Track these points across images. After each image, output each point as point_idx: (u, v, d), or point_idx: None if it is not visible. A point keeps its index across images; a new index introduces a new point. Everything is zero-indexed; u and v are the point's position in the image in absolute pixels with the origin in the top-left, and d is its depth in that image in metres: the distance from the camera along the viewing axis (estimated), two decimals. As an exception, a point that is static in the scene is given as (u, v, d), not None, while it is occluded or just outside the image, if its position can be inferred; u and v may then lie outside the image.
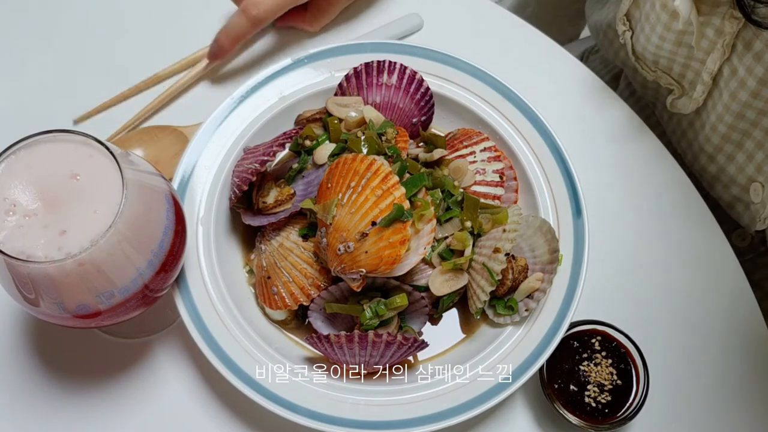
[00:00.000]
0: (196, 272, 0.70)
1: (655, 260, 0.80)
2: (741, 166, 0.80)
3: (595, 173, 0.83)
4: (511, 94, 0.78)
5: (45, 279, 0.54)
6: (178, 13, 0.90)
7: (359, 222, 0.64)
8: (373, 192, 0.64)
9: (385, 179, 0.65)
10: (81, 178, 0.55)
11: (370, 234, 0.64)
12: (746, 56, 0.71)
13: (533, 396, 0.74)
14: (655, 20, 0.78)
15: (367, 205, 0.64)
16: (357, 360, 0.68)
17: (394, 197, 0.64)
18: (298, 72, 0.78)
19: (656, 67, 0.84)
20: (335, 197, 0.66)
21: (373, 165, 0.65)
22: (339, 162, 0.67)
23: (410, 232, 0.64)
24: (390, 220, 0.63)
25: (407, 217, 0.64)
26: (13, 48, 0.88)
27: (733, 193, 0.84)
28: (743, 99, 0.73)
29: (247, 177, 0.70)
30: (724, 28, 0.72)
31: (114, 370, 0.73)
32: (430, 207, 0.67)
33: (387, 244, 0.64)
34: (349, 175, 0.66)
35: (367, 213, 0.64)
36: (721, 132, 0.79)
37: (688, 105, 0.82)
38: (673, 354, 0.76)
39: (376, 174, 0.65)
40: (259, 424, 0.71)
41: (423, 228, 0.66)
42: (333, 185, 0.66)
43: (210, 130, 0.75)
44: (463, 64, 0.79)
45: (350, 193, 0.65)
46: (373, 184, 0.65)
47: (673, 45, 0.79)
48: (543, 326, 0.69)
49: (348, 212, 0.65)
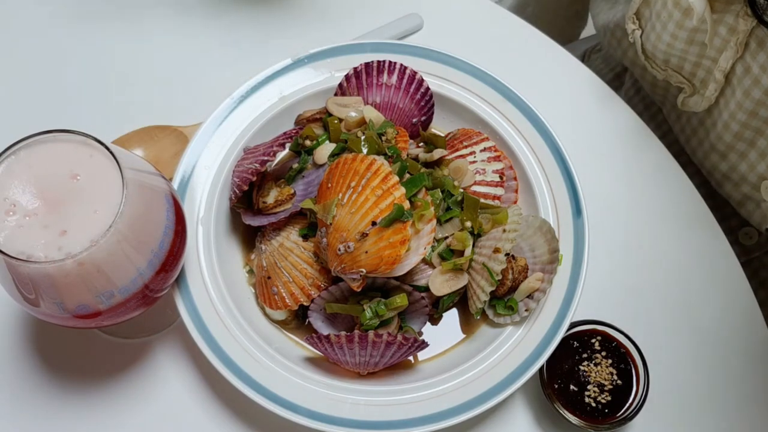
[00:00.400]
0: (196, 272, 0.70)
1: (655, 260, 0.80)
2: (753, 164, 0.80)
3: (596, 173, 0.83)
4: (511, 94, 0.78)
5: (45, 279, 0.54)
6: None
7: (359, 222, 0.64)
8: (374, 192, 0.64)
9: (385, 179, 0.65)
10: (81, 178, 0.55)
11: (370, 234, 0.64)
12: (760, 54, 0.71)
13: (533, 396, 0.74)
14: (667, 18, 0.78)
15: (368, 205, 0.64)
16: (357, 360, 0.68)
17: (395, 197, 0.64)
18: (298, 72, 0.78)
19: (667, 66, 0.84)
20: (335, 197, 0.66)
21: (373, 165, 0.65)
22: (339, 162, 0.67)
23: (410, 232, 0.64)
24: (390, 220, 0.63)
25: (407, 217, 0.64)
26: (13, 48, 0.88)
27: (744, 191, 0.84)
28: (757, 97, 0.73)
29: (248, 177, 0.70)
30: (737, 26, 0.72)
31: (114, 370, 0.73)
32: (430, 207, 0.67)
33: (387, 244, 0.64)
34: (349, 175, 0.66)
35: (367, 213, 0.64)
36: (734, 130, 0.79)
37: (700, 103, 0.82)
38: (673, 354, 0.76)
39: (376, 174, 0.65)
40: (259, 424, 0.71)
41: (423, 228, 0.66)
42: (333, 185, 0.66)
43: (210, 130, 0.75)
44: (463, 64, 0.79)
45: (350, 193, 0.65)
46: (373, 184, 0.65)
47: (684, 43, 0.79)
48: (543, 326, 0.69)
49: (348, 212, 0.65)
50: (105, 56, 0.88)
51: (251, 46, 0.88)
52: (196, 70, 0.87)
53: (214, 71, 0.87)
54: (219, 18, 0.90)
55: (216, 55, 0.88)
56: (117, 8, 0.90)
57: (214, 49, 0.89)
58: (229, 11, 0.91)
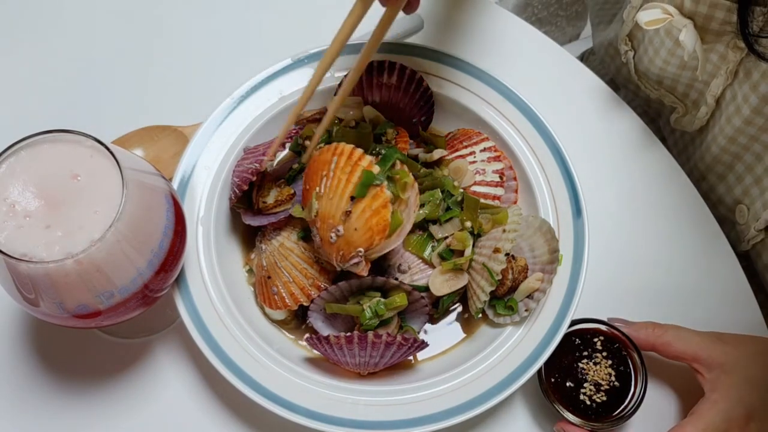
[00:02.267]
0: (196, 272, 0.70)
1: (655, 260, 0.80)
2: (730, 187, 0.82)
3: (596, 173, 0.83)
4: (511, 94, 0.78)
5: (45, 279, 0.54)
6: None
7: (339, 203, 0.64)
8: (343, 171, 0.65)
9: (350, 156, 0.65)
10: (81, 178, 0.55)
11: (353, 210, 0.64)
12: (745, 84, 0.73)
13: (533, 396, 0.74)
14: (659, 44, 0.80)
15: (341, 185, 0.64)
16: (357, 361, 0.68)
17: (362, 167, 0.64)
18: (298, 72, 0.78)
19: (660, 86, 0.85)
20: (314, 192, 0.66)
21: (337, 149, 0.66)
22: (310, 163, 0.68)
23: (388, 194, 0.64)
24: (363, 186, 0.63)
25: (380, 179, 0.64)
26: (12, 48, 0.88)
27: (721, 213, 0.86)
28: (737, 124, 0.75)
29: (247, 177, 0.70)
30: (727, 56, 0.74)
31: (114, 370, 0.73)
32: (408, 174, 0.67)
33: (371, 212, 0.64)
34: (319, 168, 0.66)
35: (343, 192, 0.64)
36: (714, 153, 0.81)
37: (692, 123, 0.83)
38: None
39: (341, 155, 0.65)
40: (259, 424, 0.71)
41: (408, 196, 0.66)
42: (311, 185, 0.67)
43: (210, 130, 0.75)
44: (463, 64, 0.79)
45: (324, 182, 0.65)
46: (341, 164, 0.65)
47: (677, 68, 0.80)
48: (543, 326, 0.69)
49: (327, 199, 0.65)
50: (105, 56, 0.88)
51: (251, 46, 0.88)
52: (197, 70, 0.87)
53: (214, 71, 0.87)
54: (219, 18, 0.90)
55: (216, 55, 0.88)
56: (117, 8, 0.90)
57: (214, 49, 0.89)
58: (229, 11, 0.91)
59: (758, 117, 0.73)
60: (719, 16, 0.71)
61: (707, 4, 0.71)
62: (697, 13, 0.72)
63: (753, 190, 0.79)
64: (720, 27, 0.72)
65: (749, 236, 0.80)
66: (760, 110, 0.72)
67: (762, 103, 0.71)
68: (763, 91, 0.70)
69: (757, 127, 0.74)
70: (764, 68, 0.70)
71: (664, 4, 0.74)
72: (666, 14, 0.74)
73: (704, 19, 0.72)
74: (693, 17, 0.73)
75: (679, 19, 0.73)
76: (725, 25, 0.72)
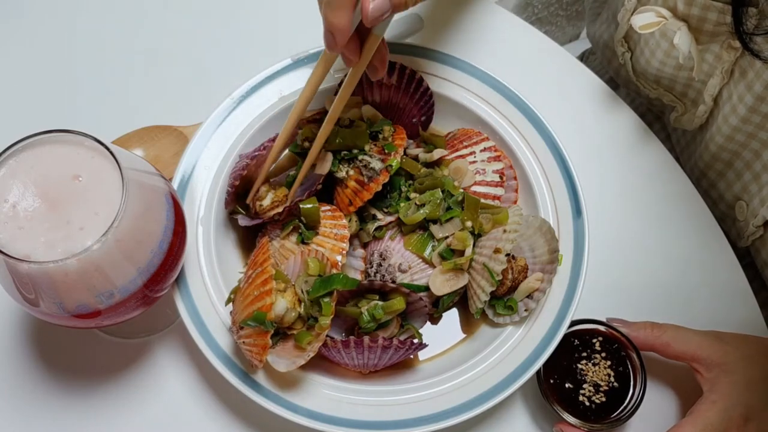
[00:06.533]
0: (196, 272, 0.70)
1: (655, 260, 0.80)
2: (729, 184, 0.83)
3: (596, 173, 0.83)
4: (511, 94, 0.78)
5: (45, 279, 0.54)
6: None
7: (241, 313, 0.64)
8: (254, 290, 0.63)
9: (264, 283, 0.63)
10: (82, 179, 0.55)
11: (243, 329, 0.63)
12: (740, 83, 0.73)
13: (532, 396, 0.74)
14: (655, 46, 0.80)
15: (247, 301, 0.63)
16: (356, 362, 0.68)
17: (264, 303, 0.62)
18: (298, 72, 0.78)
19: (658, 86, 0.86)
20: (241, 278, 0.66)
21: (264, 265, 0.64)
22: (260, 242, 0.69)
23: (270, 342, 0.62)
24: (253, 320, 0.62)
25: (268, 327, 0.62)
26: (13, 48, 0.88)
27: (722, 210, 0.86)
28: (734, 123, 0.76)
29: (239, 172, 0.70)
30: (722, 56, 0.74)
31: (114, 370, 0.73)
32: (329, 315, 0.64)
33: (252, 343, 0.63)
34: (254, 261, 0.66)
35: (245, 309, 0.63)
36: (713, 151, 0.81)
37: (692, 121, 0.84)
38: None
39: (262, 273, 0.63)
40: (259, 424, 0.72)
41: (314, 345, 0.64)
42: (249, 264, 0.67)
43: (210, 130, 0.75)
44: (463, 64, 0.79)
45: (245, 280, 0.65)
46: (258, 281, 0.63)
47: (674, 69, 0.81)
48: (543, 326, 0.69)
49: (240, 297, 0.65)
50: (105, 56, 0.88)
51: (251, 47, 0.88)
52: (197, 70, 0.87)
53: (214, 71, 0.87)
54: (219, 18, 0.90)
55: (216, 56, 0.88)
56: (117, 9, 0.90)
57: (214, 49, 0.89)
58: (229, 11, 0.91)
59: (754, 115, 0.73)
60: (712, 17, 0.72)
61: (700, 6, 0.71)
62: (690, 15, 0.73)
63: (751, 186, 0.79)
64: (714, 28, 0.73)
65: (748, 232, 0.81)
66: (756, 108, 0.72)
67: (758, 101, 0.71)
68: (758, 90, 0.71)
69: (753, 124, 0.74)
70: (759, 67, 0.70)
71: (657, 7, 0.75)
72: (660, 17, 0.74)
73: (698, 20, 0.73)
74: (687, 19, 0.73)
75: (672, 22, 0.73)
76: (719, 25, 0.72)
